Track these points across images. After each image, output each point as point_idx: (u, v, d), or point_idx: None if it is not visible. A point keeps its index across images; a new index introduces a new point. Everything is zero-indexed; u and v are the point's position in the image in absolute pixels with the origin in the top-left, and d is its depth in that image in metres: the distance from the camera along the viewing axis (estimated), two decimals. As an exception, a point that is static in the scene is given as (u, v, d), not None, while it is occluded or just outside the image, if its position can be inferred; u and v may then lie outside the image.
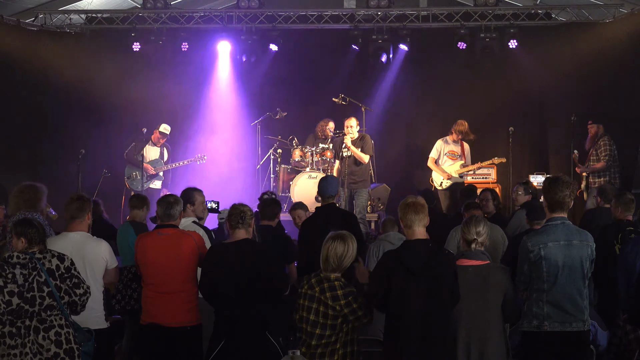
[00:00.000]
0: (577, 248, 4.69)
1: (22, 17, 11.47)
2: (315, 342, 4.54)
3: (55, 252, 4.75)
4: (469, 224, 4.87)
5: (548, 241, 4.67)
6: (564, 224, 4.74)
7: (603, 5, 11.50)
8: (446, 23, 11.66)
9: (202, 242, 5.33)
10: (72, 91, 11.36)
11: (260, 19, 11.72)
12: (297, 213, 7.45)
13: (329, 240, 4.66)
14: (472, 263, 4.74)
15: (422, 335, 4.37)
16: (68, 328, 4.67)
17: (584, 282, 4.71)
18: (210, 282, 4.95)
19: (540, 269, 4.67)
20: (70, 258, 4.76)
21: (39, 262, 4.65)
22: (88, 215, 5.30)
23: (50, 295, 4.63)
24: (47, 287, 4.63)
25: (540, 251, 4.66)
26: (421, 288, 4.38)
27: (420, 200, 4.59)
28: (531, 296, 4.74)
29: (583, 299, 4.70)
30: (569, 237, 4.70)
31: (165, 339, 5.12)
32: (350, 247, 4.63)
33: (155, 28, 11.64)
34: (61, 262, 4.69)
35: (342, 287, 4.55)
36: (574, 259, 4.67)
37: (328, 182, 6.73)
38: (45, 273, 4.63)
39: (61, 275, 4.66)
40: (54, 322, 4.65)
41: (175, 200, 5.36)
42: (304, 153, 10.98)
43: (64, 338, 4.64)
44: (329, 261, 4.60)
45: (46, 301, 4.63)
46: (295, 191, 10.68)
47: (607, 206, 7.43)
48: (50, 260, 4.67)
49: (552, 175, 5.10)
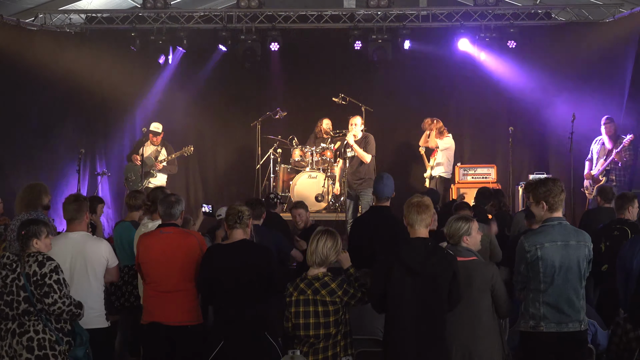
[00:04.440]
0: (574, 248, 4.68)
1: (22, 17, 11.47)
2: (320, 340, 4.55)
3: (42, 256, 4.70)
4: (445, 227, 4.95)
5: (545, 242, 4.66)
6: (561, 224, 4.74)
7: (603, 5, 11.50)
8: (446, 23, 11.66)
9: (203, 241, 5.33)
10: (72, 91, 11.36)
11: (260, 18, 11.71)
12: (298, 212, 7.44)
13: (317, 234, 4.69)
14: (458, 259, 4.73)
15: (418, 333, 4.37)
16: (45, 334, 4.64)
17: (581, 282, 4.71)
18: (209, 283, 4.95)
19: (537, 270, 4.66)
20: (54, 265, 4.68)
21: (21, 265, 4.65)
22: (86, 214, 5.33)
23: (27, 301, 4.62)
24: (24, 291, 4.62)
25: (537, 251, 4.66)
26: (418, 286, 4.39)
27: (425, 201, 4.60)
28: (528, 296, 4.73)
29: (580, 299, 4.69)
30: (566, 237, 4.69)
31: (166, 338, 5.12)
32: (337, 242, 4.67)
33: (155, 28, 11.65)
34: (39, 268, 4.64)
35: (332, 279, 4.59)
36: (571, 260, 4.66)
37: (384, 182, 6.13)
38: (24, 277, 4.63)
39: (35, 281, 4.62)
40: (30, 328, 4.64)
41: (176, 200, 5.35)
42: (304, 153, 10.99)
43: (37, 344, 4.61)
44: (317, 254, 4.62)
45: (22, 306, 4.63)
46: (295, 191, 10.70)
47: (607, 206, 7.44)
48: (31, 265, 4.65)
49: (542, 177, 5.10)
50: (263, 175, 11.24)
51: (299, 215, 7.43)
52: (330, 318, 4.54)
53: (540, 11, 11.73)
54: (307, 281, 4.63)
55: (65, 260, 5.10)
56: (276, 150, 11.32)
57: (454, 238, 4.87)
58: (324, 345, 4.56)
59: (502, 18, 11.56)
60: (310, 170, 10.84)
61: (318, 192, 10.62)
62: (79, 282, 5.10)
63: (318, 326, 4.55)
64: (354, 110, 10.75)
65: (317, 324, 4.55)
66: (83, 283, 5.12)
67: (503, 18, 11.56)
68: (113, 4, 12.38)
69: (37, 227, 4.78)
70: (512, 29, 11.47)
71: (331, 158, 10.82)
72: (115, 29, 11.85)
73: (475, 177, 11.15)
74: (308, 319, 4.56)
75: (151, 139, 11.11)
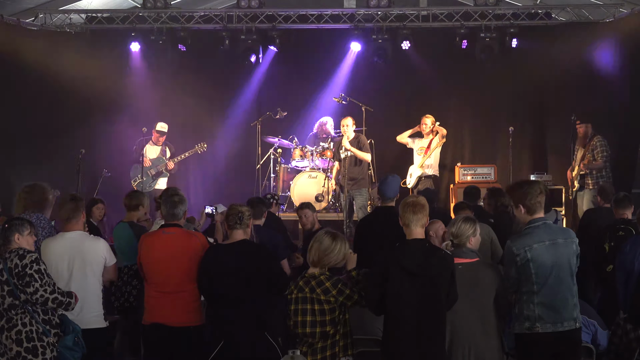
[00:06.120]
0: (563, 246, 4.69)
1: (22, 17, 11.48)
2: (317, 340, 4.55)
3: (23, 250, 4.78)
4: (450, 226, 4.96)
5: (533, 243, 4.66)
6: (546, 224, 4.75)
7: (603, 5, 11.50)
8: (446, 23, 11.66)
9: (206, 242, 5.31)
10: (71, 91, 11.35)
11: (261, 18, 11.71)
12: (304, 212, 7.45)
13: (319, 235, 4.69)
14: (462, 261, 4.76)
15: (417, 334, 4.37)
16: (32, 326, 4.72)
17: (573, 279, 4.71)
18: (210, 283, 4.95)
19: (529, 272, 4.65)
20: (35, 257, 4.77)
21: (2, 261, 4.75)
22: (83, 214, 5.35)
23: (11, 294, 4.72)
24: (7, 285, 4.72)
25: (526, 254, 4.65)
26: (417, 288, 4.38)
27: (420, 200, 4.60)
28: (521, 298, 4.72)
29: (573, 297, 4.69)
30: (553, 236, 4.70)
31: (167, 339, 5.11)
32: (337, 245, 4.61)
33: (155, 28, 11.65)
34: (20, 260, 4.74)
35: (328, 278, 4.57)
36: (561, 258, 4.67)
37: (387, 183, 6.23)
38: (6, 272, 4.72)
39: (17, 273, 4.72)
40: (17, 322, 4.72)
41: (180, 200, 5.35)
42: (304, 153, 10.98)
43: (25, 336, 4.69)
44: (311, 252, 4.63)
45: (7, 300, 4.73)
46: (295, 191, 10.69)
47: (607, 206, 7.44)
48: (12, 259, 4.74)
49: (519, 181, 5.11)
50: (263, 175, 11.23)
51: (305, 216, 7.43)
52: (326, 317, 4.53)
53: (540, 11, 11.73)
54: (306, 279, 4.63)
55: (63, 259, 5.13)
56: (276, 150, 11.32)
57: (461, 239, 4.87)
58: (322, 345, 4.55)
59: (502, 18, 11.56)
60: (310, 170, 10.84)
61: (318, 192, 10.62)
62: (77, 281, 5.12)
63: (314, 324, 4.54)
64: (349, 112, 10.76)
65: (314, 322, 4.54)
66: (81, 282, 5.13)
67: (503, 18, 11.56)
68: (113, 4, 12.39)
69: (20, 222, 4.90)
70: (512, 28, 11.47)
71: (331, 158, 10.82)
72: (115, 29, 11.85)
73: (475, 177, 11.13)
74: (305, 316, 4.56)
75: (156, 139, 11.11)
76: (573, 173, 10.10)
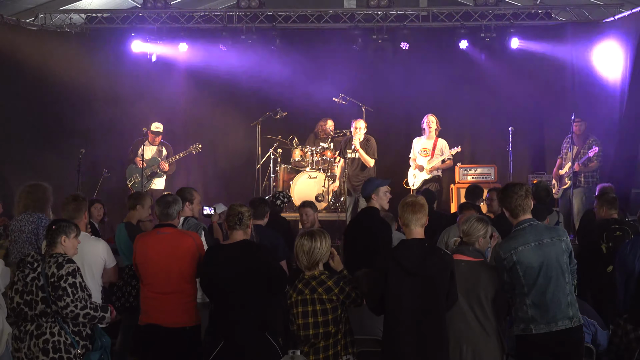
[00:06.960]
0: (549, 246, 4.68)
1: (22, 17, 11.48)
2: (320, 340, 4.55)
3: (62, 258, 4.70)
4: (462, 223, 5.00)
5: (518, 245, 4.67)
6: (532, 225, 4.75)
7: (603, 5, 11.49)
8: (446, 23, 11.66)
9: (200, 242, 5.31)
10: (72, 91, 11.35)
11: (261, 18, 11.71)
12: (305, 210, 7.45)
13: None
14: (466, 259, 4.78)
15: (418, 334, 4.37)
16: (60, 337, 4.65)
17: (565, 278, 4.69)
18: (210, 283, 4.95)
19: (517, 274, 4.67)
20: (72, 268, 4.69)
21: (42, 265, 4.65)
22: (85, 214, 5.33)
23: (44, 301, 4.64)
24: (42, 292, 4.63)
25: (512, 257, 4.66)
26: (416, 287, 4.39)
27: (419, 200, 4.61)
28: (516, 301, 4.74)
29: (566, 295, 4.67)
30: (538, 237, 4.70)
31: (163, 340, 5.10)
32: (317, 242, 4.63)
33: (155, 28, 11.64)
34: (57, 270, 4.66)
35: (329, 277, 4.59)
36: (549, 257, 4.66)
37: (365, 183, 6.59)
38: (43, 277, 4.63)
39: (52, 283, 4.64)
40: (47, 330, 4.65)
41: (173, 200, 5.35)
42: (304, 153, 10.99)
43: (52, 346, 4.62)
44: (299, 258, 4.65)
45: (39, 306, 4.64)
46: (295, 191, 10.69)
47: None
48: (51, 266, 4.65)
49: (506, 184, 5.11)
50: (263, 175, 11.23)
51: (306, 214, 7.44)
52: (329, 316, 4.54)
53: (540, 11, 11.73)
54: (305, 281, 4.63)
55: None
56: (276, 150, 11.32)
57: (471, 238, 4.89)
58: (324, 344, 4.56)
59: (502, 18, 11.55)
60: (310, 170, 10.84)
61: (318, 192, 10.62)
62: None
63: (317, 325, 4.54)
64: (349, 112, 10.75)
65: (316, 323, 4.55)
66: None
67: (503, 18, 11.55)
68: (113, 4, 12.38)
69: (67, 225, 4.82)
70: (512, 29, 11.47)
71: (331, 158, 10.81)
72: (115, 29, 11.84)
73: (475, 177, 11.13)
74: (307, 318, 4.56)
75: (152, 139, 11.11)
76: (561, 171, 10.17)
